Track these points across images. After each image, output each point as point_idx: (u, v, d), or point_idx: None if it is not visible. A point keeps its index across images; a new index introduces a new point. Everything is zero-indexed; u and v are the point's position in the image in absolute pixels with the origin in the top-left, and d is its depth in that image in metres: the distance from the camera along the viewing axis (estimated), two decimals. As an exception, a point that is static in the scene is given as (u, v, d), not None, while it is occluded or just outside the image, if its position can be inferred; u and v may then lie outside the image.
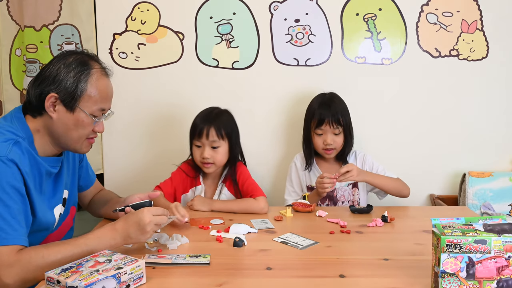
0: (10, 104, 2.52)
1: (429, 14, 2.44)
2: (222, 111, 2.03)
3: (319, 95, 2.22)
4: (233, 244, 1.50)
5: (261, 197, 1.91)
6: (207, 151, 1.93)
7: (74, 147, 1.47)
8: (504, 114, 2.50)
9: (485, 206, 2.38)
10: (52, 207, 1.48)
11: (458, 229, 1.13)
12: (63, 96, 1.39)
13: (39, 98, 1.39)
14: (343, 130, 2.11)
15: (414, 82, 2.48)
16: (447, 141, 2.52)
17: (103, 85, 1.45)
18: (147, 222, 1.35)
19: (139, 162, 2.52)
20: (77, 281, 1.10)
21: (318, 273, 1.31)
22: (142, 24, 2.46)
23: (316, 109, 2.13)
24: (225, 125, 1.97)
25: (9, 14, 2.49)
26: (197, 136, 1.95)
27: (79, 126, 1.42)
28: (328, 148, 2.11)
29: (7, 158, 1.28)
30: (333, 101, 2.14)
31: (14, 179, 1.29)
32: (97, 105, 1.43)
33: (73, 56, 1.43)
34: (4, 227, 1.24)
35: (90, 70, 1.42)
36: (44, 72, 1.41)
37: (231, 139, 1.98)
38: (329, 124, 2.08)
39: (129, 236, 1.36)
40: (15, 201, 1.28)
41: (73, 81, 1.39)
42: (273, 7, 2.44)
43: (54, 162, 1.47)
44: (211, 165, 1.95)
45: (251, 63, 2.47)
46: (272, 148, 2.52)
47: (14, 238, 1.25)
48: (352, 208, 1.88)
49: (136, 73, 2.48)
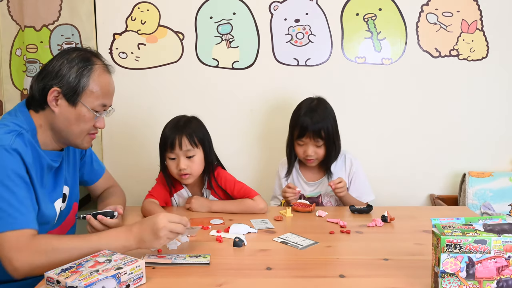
0: (10, 104, 2.52)
1: (429, 14, 2.44)
2: (190, 119, 1.93)
3: (306, 100, 2.11)
4: (233, 244, 1.50)
5: (258, 196, 1.90)
6: (182, 161, 1.84)
7: (75, 142, 1.49)
8: (504, 114, 2.50)
9: (485, 206, 2.38)
10: (52, 201, 1.50)
11: (458, 229, 1.13)
12: (66, 91, 1.41)
13: (42, 93, 1.42)
14: (324, 142, 2.02)
15: (414, 82, 2.48)
16: (447, 141, 2.52)
17: (105, 81, 1.47)
18: (160, 227, 1.31)
19: (139, 162, 2.53)
20: (77, 281, 1.10)
21: (318, 273, 1.31)
22: (142, 24, 2.46)
23: (300, 117, 2.03)
24: (196, 132, 1.87)
25: (9, 14, 2.49)
26: (169, 148, 1.84)
27: (81, 120, 1.44)
28: (309, 158, 2.05)
29: (11, 147, 1.30)
30: (317, 111, 2.03)
31: (18, 167, 1.31)
32: (99, 100, 1.45)
33: (76, 52, 1.46)
34: (11, 213, 1.26)
35: (93, 65, 1.44)
36: (47, 67, 1.44)
37: (204, 145, 1.89)
38: (310, 137, 2.01)
39: (142, 239, 1.33)
40: (21, 188, 1.30)
41: (76, 76, 1.41)
42: (273, 7, 2.44)
43: (55, 156, 1.49)
44: (188, 175, 1.86)
45: (251, 63, 2.47)
46: (271, 147, 2.52)
47: (22, 222, 1.26)
48: (352, 208, 1.88)
49: (136, 73, 2.48)
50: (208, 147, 1.92)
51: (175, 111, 2.02)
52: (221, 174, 1.96)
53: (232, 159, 2.20)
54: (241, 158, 2.53)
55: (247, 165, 2.54)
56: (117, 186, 1.91)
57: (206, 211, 1.87)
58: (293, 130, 2.08)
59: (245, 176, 2.18)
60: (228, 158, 2.07)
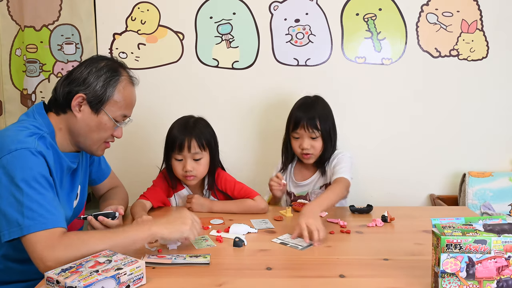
0: (10, 104, 2.52)
1: (429, 14, 2.44)
2: (198, 120, 1.92)
3: (303, 97, 2.11)
4: (233, 244, 1.50)
5: (258, 196, 1.90)
6: (189, 163, 1.83)
7: (91, 148, 1.53)
8: (504, 114, 2.50)
9: (485, 206, 2.38)
10: (71, 201, 1.55)
11: (458, 229, 1.13)
12: (91, 98, 1.45)
13: (67, 97, 1.45)
14: (321, 135, 1.98)
15: (414, 82, 2.48)
16: (447, 141, 2.52)
17: (129, 93, 1.53)
18: (188, 215, 1.42)
19: (139, 162, 2.53)
20: (76, 281, 1.10)
21: (318, 273, 1.31)
22: (142, 24, 2.46)
23: (295, 110, 2.04)
24: (205, 135, 1.86)
25: (9, 14, 2.49)
26: (177, 150, 1.83)
27: (101, 128, 1.49)
28: (305, 153, 2.01)
29: (36, 150, 1.33)
30: (313, 105, 2.02)
31: (44, 169, 1.33)
32: (121, 111, 1.51)
33: (105, 61, 1.50)
34: (42, 213, 1.27)
35: (120, 77, 1.50)
36: (75, 72, 1.48)
37: (211, 148, 1.89)
38: (304, 128, 1.97)
39: (168, 222, 1.40)
40: (48, 189, 1.32)
41: (103, 85, 1.46)
42: (273, 7, 2.44)
43: (74, 158, 1.53)
44: (193, 177, 1.86)
45: (251, 63, 2.47)
46: (271, 147, 2.52)
47: (53, 222, 1.28)
48: (352, 208, 1.88)
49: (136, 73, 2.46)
50: (215, 150, 1.92)
51: (175, 111, 2.02)
52: (221, 175, 1.96)
53: (232, 159, 2.20)
54: (241, 158, 2.53)
55: (247, 165, 2.54)
56: (121, 186, 1.93)
57: (207, 211, 1.87)
58: (289, 124, 2.06)
59: (245, 176, 2.18)
60: (228, 158, 2.07)
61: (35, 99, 2.51)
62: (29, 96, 2.51)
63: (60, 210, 1.34)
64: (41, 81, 2.51)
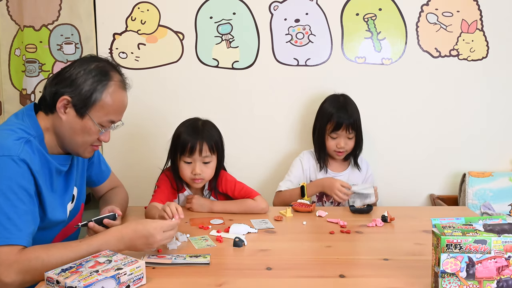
0: (10, 104, 2.51)
1: (429, 14, 2.44)
2: (206, 122, 1.92)
3: (332, 97, 2.26)
4: (233, 244, 1.50)
5: (259, 196, 1.90)
6: (198, 166, 1.83)
7: (77, 151, 1.49)
8: (504, 114, 2.50)
9: (485, 206, 2.38)
10: (65, 204, 1.51)
11: (458, 229, 1.13)
12: (76, 101, 1.40)
13: (53, 97, 1.41)
14: (355, 134, 2.18)
15: (414, 82, 2.48)
16: (447, 141, 2.51)
17: (118, 98, 1.46)
18: (158, 240, 1.34)
19: (139, 162, 2.52)
20: (76, 281, 1.10)
21: (318, 273, 1.31)
22: (142, 24, 2.46)
23: (334, 113, 2.17)
24: (214, 138, 1.87)
25: (8, 14, 2.48)
26: (188, 153, 1.83)
27: (85, 132, 1.44)
28: (340, 150, 2.18)
29: (19, 158, 1.29)
30: (348, 105, 2.20)
31: (24, 179, 1.30)
32: (108, 116, 1.45)
33: (96, 63, 1.44)
34: (8, 227, 1.25)
35: (109, 81, 1.43)
36: (64, 72, 1.43)
37: (219, 151, 1.90)
38: (346, 130, 2.14)
39: (134, 246, 1.35)
40: (23, 201, 1.29)
41: (89, 89, 1.40)
42: (273, 7, 2.44)
43: (63, 161, 1.49)
44: (201, 180, 1.87)
45: (251, 63, 2.47)
46: (272, 147, 2.52)
47: (17, 238, 1.25)
48: (352, 208, 1.88)
49: (136, 73, 2.47)
50: (222, 153, 1.93)
51: (175, 111, 2.02)
52: (221, 175, 1.96)
53: (232, 159, 2.19)
54: (241, 158, 2.52)
55: (247, 165, 2.53)
56: (121, 186, 1.92)
57: (207, 211, 1.87)
58: (326, 125, 2.18)
59: (245, 176, 2.17)
60: (228, 158, 2.06)
61: (34, 99, 2.51)
62: (28, 96, 2.51)
63: (29, 226, 1.30)
64: (41, 81, 2.50)
